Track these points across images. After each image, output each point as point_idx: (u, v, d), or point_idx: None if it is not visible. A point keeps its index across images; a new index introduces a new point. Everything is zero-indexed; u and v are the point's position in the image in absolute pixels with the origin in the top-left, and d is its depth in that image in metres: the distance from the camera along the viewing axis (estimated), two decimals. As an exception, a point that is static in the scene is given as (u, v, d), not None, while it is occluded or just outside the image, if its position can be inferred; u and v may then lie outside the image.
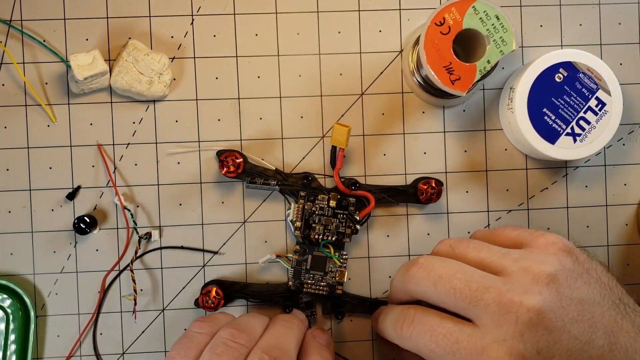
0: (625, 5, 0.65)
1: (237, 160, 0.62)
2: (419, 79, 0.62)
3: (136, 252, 0.63)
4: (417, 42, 0.61)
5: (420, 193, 0.63)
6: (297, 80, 0.64)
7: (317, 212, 0.62)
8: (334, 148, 0.60)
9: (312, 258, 0.63)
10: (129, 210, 0.62)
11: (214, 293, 0.62)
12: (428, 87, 0.62)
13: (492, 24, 0.56)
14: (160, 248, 0.64)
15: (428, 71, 0.57)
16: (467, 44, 0.59)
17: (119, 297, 0.64)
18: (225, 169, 0.61)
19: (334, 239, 0.62)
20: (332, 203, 0.62)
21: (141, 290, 0.64)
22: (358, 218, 0.62)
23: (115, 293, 0.64)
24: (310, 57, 0.64)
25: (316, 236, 0.62)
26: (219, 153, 0.63)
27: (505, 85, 0.65)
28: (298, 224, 0.62)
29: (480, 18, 0.56)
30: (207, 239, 0.64)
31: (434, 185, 0.63)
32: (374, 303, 0.64)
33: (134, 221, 0.63)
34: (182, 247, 0.64)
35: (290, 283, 0.63)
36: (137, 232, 0.63)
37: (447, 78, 0.57)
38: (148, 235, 0.63)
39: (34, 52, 0.63)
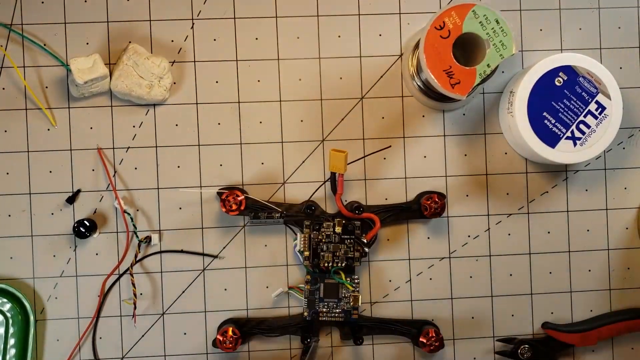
0: (625, 9, 0.65)
1: (239, 198, 0.61)
2: (419, 83, 0.62)
3: (136, 256, 0.63)
4: (417, 46, 0.61)
5: (424, 209, 0.62)
6: (297, 84, 0.64)
7: (324, 240, 0.62)
8: (333, 174, 0.60)
9: (324, 286, 0.62)
10: (129, 214, 0.62)
11: (230, 332, 0.61)
12: (428, 90, 0.62)
13: (492, 28, 0.56)
14: (160, 252, 0.64)
15: (428, 75, 0.57)
16: (467, 48, 0.59)
17: (119, 301, 0.63)
18: (227, 209, 0.61)
19: (343, 264, 0.62)
20: (338, 229, 0.62)
21: (141, 294, 0.64)
22: (365, 241, 0.62)
23: (115, 297, 0.63)
24: (310, 61, 0.64)
25: (326, 264, 0.62)
26: (220, 193, 0.62)
27: (505, 89, 0.65)
28: (306, 253, 0.62)
29: (480, 22, 0.56)
30: (207, 243, 0.64)
31: (436, 199, 0.62)
32: (391, 324, 0.64)
33: (133, 225, 0.63)
34: (182, 251, 0.64)
35: (305, 313, 0.63)
36: (137, 236, 0.63)
37: (447, 82, 0.57)
38: (148, 239, 0.63)
39: (35, 55, 0.63)
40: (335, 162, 0.58)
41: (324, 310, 0.62)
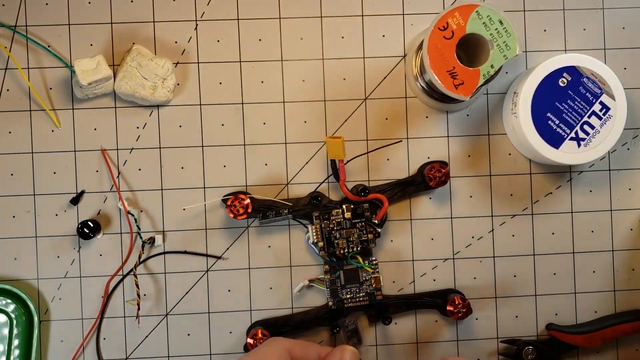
0: (629, 10, 0.65)
1: (244, 202, 0.61)
2: (422, 84, 0.62)
3: (140, 257, 0.63)
4: (420, 46, 0.61)
5: (428, 179, 0.62)
6: (300, 85, 0.64)
7: (335, 228, 0.62)
8: (333, 162, 0.60)
9: (344, 273, 0.63)
10: (132, 215, 0.62)
11: (260, 334, 0.62)
12: (431, 91, 0.62)
13: (496, 29, 0.56)
14: (164, 253, 0.64)
15: (431, 76, 0.57)
16: (470, 49, 0.59)
17: (123, 302, 0.64)
18: (234, 214, 0.61)
19: (359, 248, 0.62)
20: (347, 214, 0.62)
21: (145, 295, 0.64)
22: (377, 221, 0.62)
23: (119, 298, 0.64)
24: (313, 62, 0.64)
25: (341, 251, 0.62)
26: (225, 199, 0.62)
27: (509, 89, 0.64)
28: (320, 243, 0.62)
29: (484, 23, 0.56)
30: (210, 244, 0.64)
31: (439, 168, 0.62)
32: (417, 298, 0.64)
33: (137, 226, 0.63)
34: (185, 252, 0.64)
35: (330, 303, 0.63)
36: (141, 237, 0.63)
37: (450, 83, 0.57)
38: (151, 240, 0.63)
39: (39, 57, 0.63)
40: (333, 149, 0.59)
41: (348, 296, 0.63)
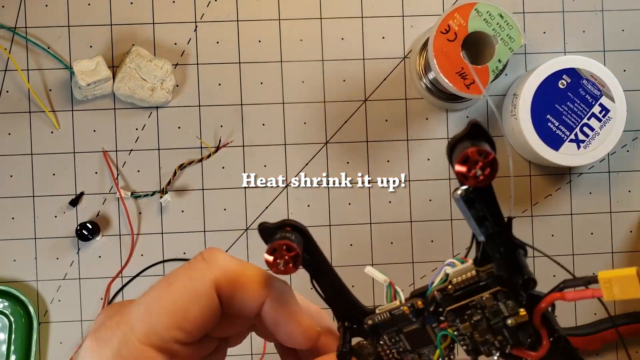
0: (629, 12, 0.65)
1: (292, 254, 0.34)
2: (426, 83, 0.62)
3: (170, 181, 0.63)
4: (424, 46, 0.61)
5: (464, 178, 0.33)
6: (300, 87, 0.64)
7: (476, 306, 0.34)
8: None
9: (414, 331, 0.36)
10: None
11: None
12: (436, 90, 0.61)
13: (497, 23, 0.56)
14: (163, 261, 0.64)
15: (442, 80, 0.57)
16: (474, 47, 0.59)
17: (122, 304, 0.64)
18: (279, 268, 0.34)
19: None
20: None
21: (144, 296, 0.64)
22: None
23: (118, 300, 0.63)
24: (313, 63, 0.64)
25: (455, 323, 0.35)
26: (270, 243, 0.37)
27: (508, 91, 0.64)
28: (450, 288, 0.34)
29: (485, 19, 0.56)
30: (209, 246, 0.64)
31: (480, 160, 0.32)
32: None
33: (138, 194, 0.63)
34: (184, 259, 0.64)
35: (370, 322, 0.36)
36: (142, 195, 0.63)
37: (461, 84, 0.57)
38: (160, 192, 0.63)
39: (38, 58, 0.63)
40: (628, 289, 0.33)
41: (388, 343, 0.36)
